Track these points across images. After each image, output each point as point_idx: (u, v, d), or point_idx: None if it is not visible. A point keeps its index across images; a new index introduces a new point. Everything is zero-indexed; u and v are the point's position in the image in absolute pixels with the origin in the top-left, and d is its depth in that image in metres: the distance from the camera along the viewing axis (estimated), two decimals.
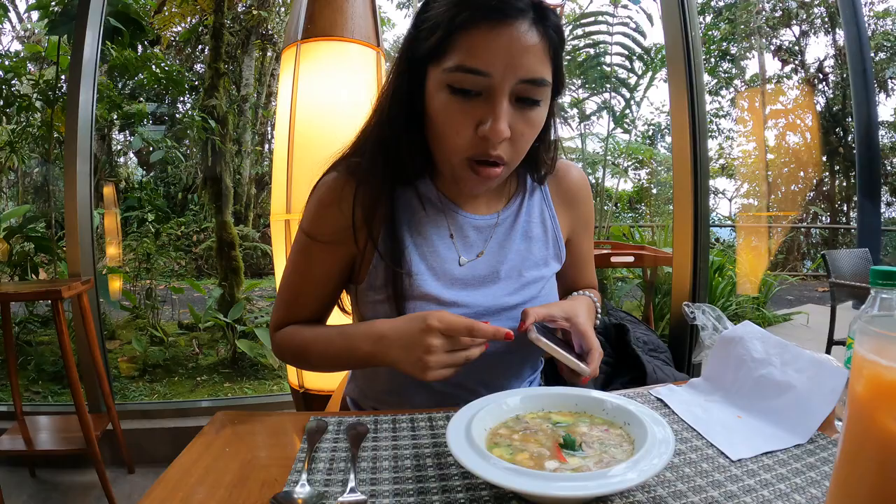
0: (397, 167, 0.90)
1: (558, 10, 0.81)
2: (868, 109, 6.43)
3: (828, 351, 3.29)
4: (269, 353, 4.09)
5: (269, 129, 10.17)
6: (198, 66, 9.82)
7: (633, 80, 7.09)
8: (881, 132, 10.78)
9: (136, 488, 2.33)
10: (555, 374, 1.07)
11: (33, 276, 3.95)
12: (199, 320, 4.66)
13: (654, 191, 13.09)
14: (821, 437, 0.72)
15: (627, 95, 6.93)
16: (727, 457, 0.67)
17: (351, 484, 0.60)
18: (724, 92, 14.23)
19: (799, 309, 6.41)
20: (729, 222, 12.54)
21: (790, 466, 0.65)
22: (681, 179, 1.72)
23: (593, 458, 0.60)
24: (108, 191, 6.78)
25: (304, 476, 0.61)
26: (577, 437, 0.63)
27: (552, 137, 0.95)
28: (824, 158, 12.25)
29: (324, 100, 1.90)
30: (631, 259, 2.79)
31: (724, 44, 13.41)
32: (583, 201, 1.07)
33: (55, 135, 4.21)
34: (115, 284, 5.05)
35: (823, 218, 12.52)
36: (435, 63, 0.80)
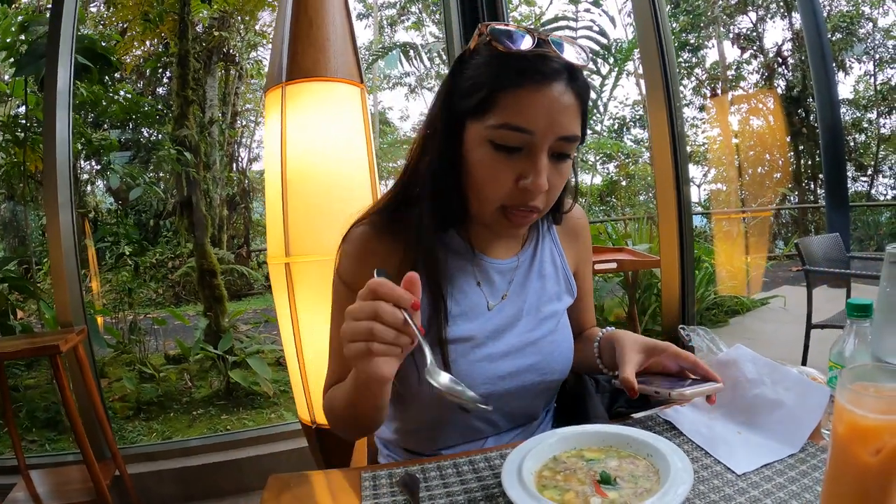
0: (441, 217, 0.94)
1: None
2: (828, 89, 6.64)
3: (807, 334, 3.43)
4: (262, 381, 4.10)
5: (236, 148, 10.11)
6: (160, 90, 9.71)
7: (597, 81, 7.23)
8: (842, 110, 11.09)
9: None
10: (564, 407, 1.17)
11: (12, 317, 3.90)
12: (189, 353, 4.64)
13: (624, 183, 13.31)
14: (810, 444, 0.83)
15: (594, 96, 7.05)
16: (733, 471, 0.77)
17: None
18: (685, 81, 14.52)
19: (776, 292, 6.60)
20: (700, 208, 12.78)
21: (787, 475, 0.76)
22: (668, 245, 1.76)
23: (629, 491, 0.69)
24: (83, 223, 6.72)
25: None
26: (611, 472, 0.72)
27: (572, 182, 1.03)
28: (788, 139, 12.55)
29: (313, 141, 1.92)
30: (613, 265, 2.88)
31: (683, 34, 13.68)
32: (584, 237, 1.17)
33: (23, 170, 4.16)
34: (97, 320, 5.01)
35: (792, 198, 12.83)
36: (476, 119, 0.86)
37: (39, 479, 2.29)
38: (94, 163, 8.06)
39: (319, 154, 1.92)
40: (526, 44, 0.83)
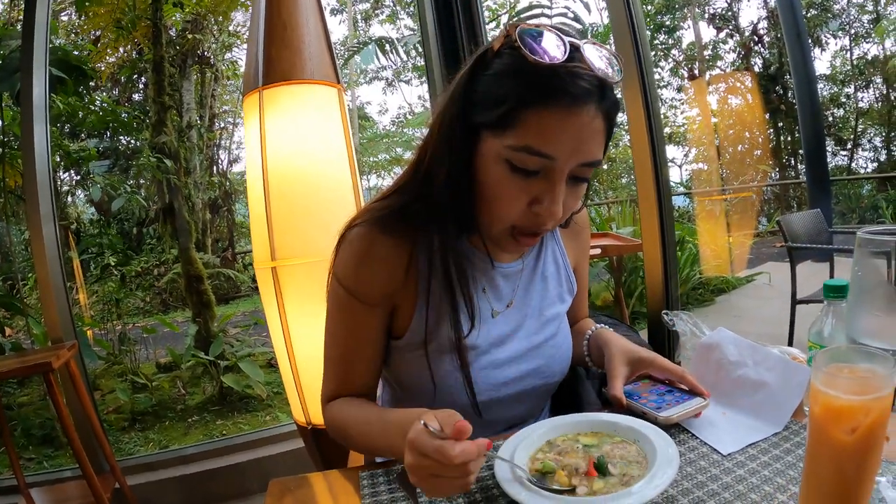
0: (449, 223, 0.89)
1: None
2: (805, 66, 6.71)
3: (792, 310, 3.48)
4: (255, 384, 4.11)
5: (215, 151, 10.04)
6: (136, 96, 9.62)
7: None
8: (820, 86, 11.19)
9: None
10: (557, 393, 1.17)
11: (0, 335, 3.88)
12: (180, 361, 4.62)
13: (605, 166, 13.36)
14: (793, 423, 0.85)
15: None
16: (719, 452, 0.80)
17: None
18: (662, 63, 14.58)
19: (760, 269, 6.67)
20: (682, 188, 12.87)
21: (771, 453, 0.78)
22: (649, 231, 1.77)
23: (616, 479, 0.71)
24: (66, 236, 6.67)
25: None
26: (605, 458, 0.75)
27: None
28: (767, 117, 12.64)
29: (293, 144, 1.93)
30: (597, 251, 2.91)
31: (659, 16, 13.73)
32: (584, 234, 1.15)
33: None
34: (87, 332, 4.99)
35: (773, 175, 12.95)
36: (494, 133, 0.79)
37: (40, 497, 2.28)
38: (73, 173, 7.98)
39: (300, 157, 1.92)
40: (556, 53, 0.74)
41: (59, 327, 2.38)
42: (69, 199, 8.79)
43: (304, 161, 1.92)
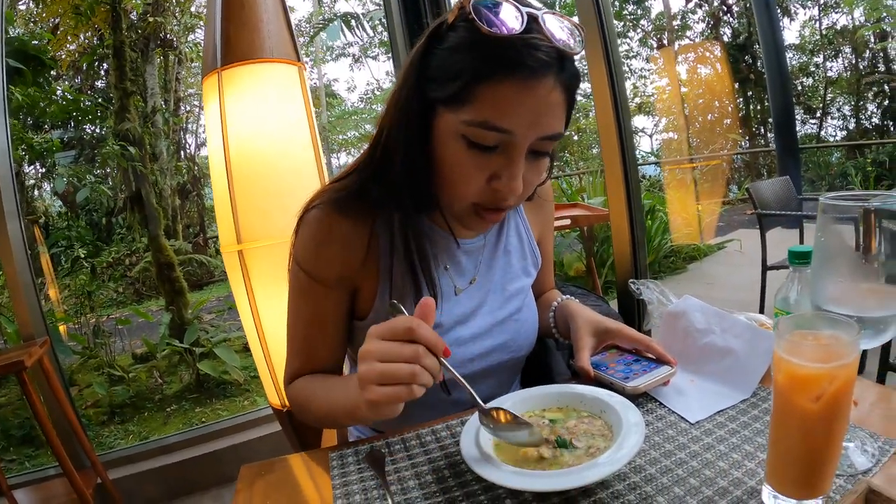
0: (408, 201, 0.87)
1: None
2: (774, 35, 6.74)
3: (763, 276, 3.54)
4: (231, 370, 4.08)
5: (181, 135, 9.84)
6: (98, 83, 9.36)
7: None
8: (789, 55, 11.29)
9: None
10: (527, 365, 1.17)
11: None
12: (155, 350, 4.58)
13: (576, 137, 13.42)
14: (761, 389, 0.86)
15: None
16: (687, 420, 0.80)
17: None
18: (631, 34, 14.58)
19: (731, 236, 6.77)
20: (653, 158, 12.96)
21: (739, 420, 0.78)
22: (615, 200, 1.76)
23: (582, 451, 0.71)
24: (33, 231, 6.50)
25: None
26: (568, 434, 0.74)
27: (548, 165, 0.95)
28: (737, 86, 12.74)
29: (254, 125, 1.89)
30: (567, 222, 2.93)
31: None
32: (548, 205, 1.14)
33: None
34: (60, 328, 4.90)
35: (743, 143, 13.10)
36: (450, 109, 0.77)
37: (24, 498, 2.25)
38: (38, 166, 7.77)
39: (262, 137, 1.89)
40: (514, 24, 0.72)
41: (31, 324, 2.32)
42: (35, 192, 8.57)
43: (267, 141, 1.88)
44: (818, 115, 12.81)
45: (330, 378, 0.93)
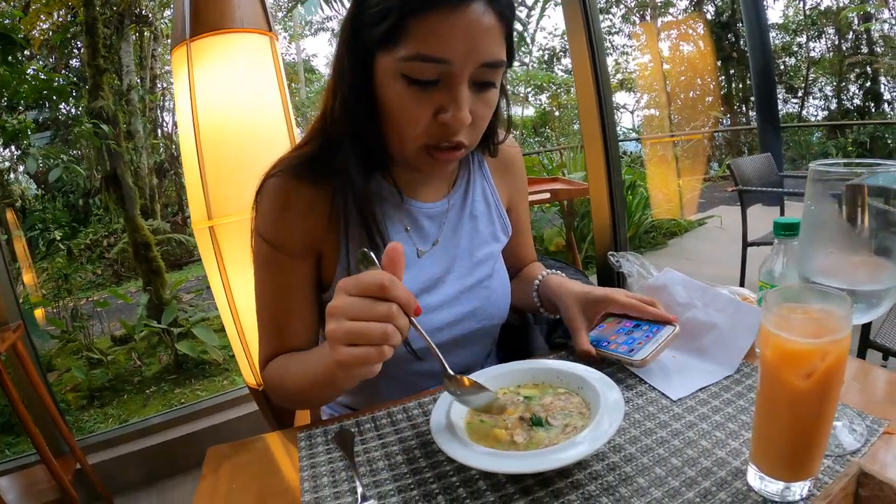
0: (363, 161, 0.86)
1: None
2: (757, 14, 6.72)
3: (744, 252, 3.55)
4: (210, 349, 4.03)
5: (158, 114, 9.65)
6: (73, 62, 9.12)
7: (524, 12, 7.09)
8: (772, 34, 11.28)
9: None
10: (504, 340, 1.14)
11: None
12: (133, 332, 4.51)
13: (557, 113, 13.38)
14: (745, 365, 0.83)
15: (520, 27, 6.89)
16: (668, 397, 0.77)
17: (360, 490, 0.65)
18: (614, 10, 14.49)
19: (711, 213, 6.80)
20: (634, 134, 12.97)
21: (722, 397, 0.76)
22: (590, 132, 1.71)
23: (558, 430, 0.68)
24: (9, 215, 6.35)
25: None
26: (543, 412, 0.71)
27: (503, 110, 0.94)
28: (719, 64, 12.73)
29: (224, 96, 1.83)
30: (546, 195, 2.90)
31: None
32: (517, 169, 1.10)
33: None
34: (39, 313, 4.80)
35: (724, 121, 13.14)
36: (386, 51, 0.76)
37: (6, 485, 2.20)
38: (14, 149, 7.58)
39: (233, 109, 1.83)
40: None
41: (4, 309, 2.25)
42: (11, 176, 8.37)
43: (238, 113, 1.83)
44: (800, 94, 12.88)
45: (305, 352, 0.89)
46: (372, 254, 0.65)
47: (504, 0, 0.76)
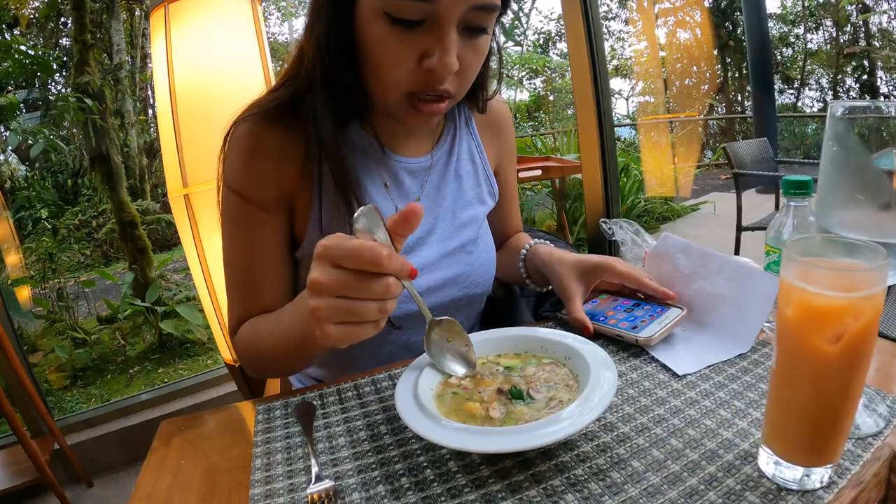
0: (340, 108, 0.79)
1: None
2: (756, 3, 6.68)
3: (738, 236, 3.49)
4: (195, 328, 3.95)
5: (149, 93, 9.49)
6: (64, 41, 8.96)
7: None
8: (770, 24, 11.20)
9: (99, 501, 2.27)
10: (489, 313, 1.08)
11: None
12: (117, 311, 4.44)
13: (552, 97, 13.29)
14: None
15: (515, 8, 6.77)
16: (672, 372, 0.69)
17: (315, 470, 0.57)
18: None
19: (705, 199, 6.77)
20: (629, 120, 12.89)
21: (726, 373, 0.68)
22: (582, 92, 1.67)
23: (542, 402, 0.60)
24: None
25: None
26: (525, 384, 0.63)
27: (495, 62, 0.87)
28: (716, 52, 12.64)
29: (202, 61, 1.75)
30: (538, 172, 2.83)
31: None
32: (506, 129, 1.04)
33: None
34: (24, 293, 4.70)
35: (719, 109, 13.06)
36: None
37: None
38: (2, 129, 7.44)
39: (211, 75, 1.75)
40: None
41: None
42: (1, 157, 8.23)
43: (216, 79, 1.75)
44: (796, 85, 12.85)
45: (276, 312, 0.80)
46: (379, 214, 0.56)
47: None
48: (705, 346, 0.74)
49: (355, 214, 0.55)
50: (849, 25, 11.81)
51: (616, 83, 14.23)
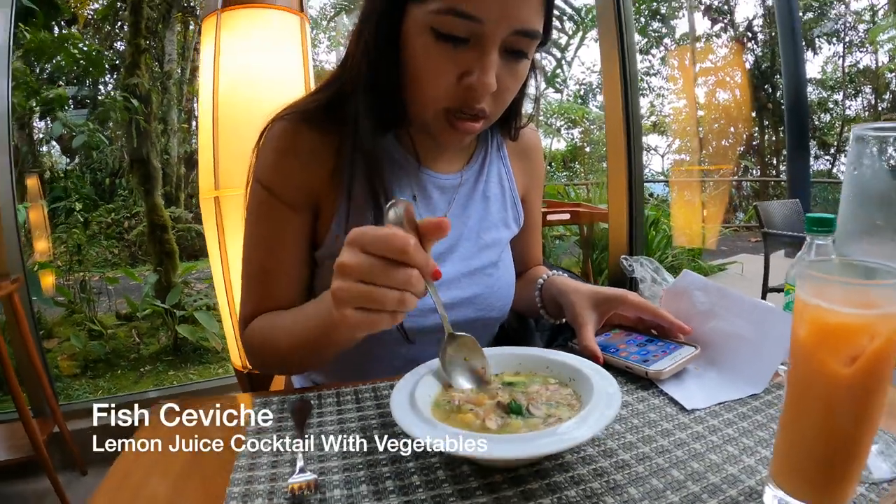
0: (378, 117, 0.81)
1: None
2: (797, 67, 6.72)
3: (763, 296, 3.43)
4: (211, 336, 3.98)
5: (194, 105, 9.75)
6: (118, 44, 9.31)
7: (563, 40, 7.10)
8: (809, 89, 11.18)
9: (91, 490, 2.23)
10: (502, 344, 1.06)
11: None
12: (137, 309, 4.50)
13: (588, 149, 13.37)
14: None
15: (559, 55, 6.89)
16: (680, 406, 0.67)
17: (300, 463, 0.56)
18: (654, 51, 14.49)
19: (733, 259, 6.70)
20: (662, 177, 12.87)
21: (737, 411, 0.66)
22: (614, 136, 1.73)
23: (541, 418, 0.58)
24: (32, 182, 6.39)
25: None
26: (525, 400, 0.61)
27: (533, 90, 0.89)
28: (754, 114, 12.64)
29: (247, 71, 1.82)
30: (567, 216, 2.82)
31: (654, 3, 13.59)
32: (536, 158, 1.05)
33: None
34: (48, 280, 4.81)
35: (754, 171, 12.98)
36: (417, 1, 0.71)
37: None
38: (48, 121, 7.71)
39: (254, 85, 1.82)
40: None
41: (6, 261, 2.27)
42: (44, 148, 8.52)
43: (258, 89, 1.82)
44: (832, 151, 12.73)
45: (297, 307, 0.81)
46: (413, 210, 0.57)
47: None
48: (717, 384, 0.72)
49: (389, 204, 0.57)
50: (888, 93, 11.74)
51: (653, 139, 14.33)
